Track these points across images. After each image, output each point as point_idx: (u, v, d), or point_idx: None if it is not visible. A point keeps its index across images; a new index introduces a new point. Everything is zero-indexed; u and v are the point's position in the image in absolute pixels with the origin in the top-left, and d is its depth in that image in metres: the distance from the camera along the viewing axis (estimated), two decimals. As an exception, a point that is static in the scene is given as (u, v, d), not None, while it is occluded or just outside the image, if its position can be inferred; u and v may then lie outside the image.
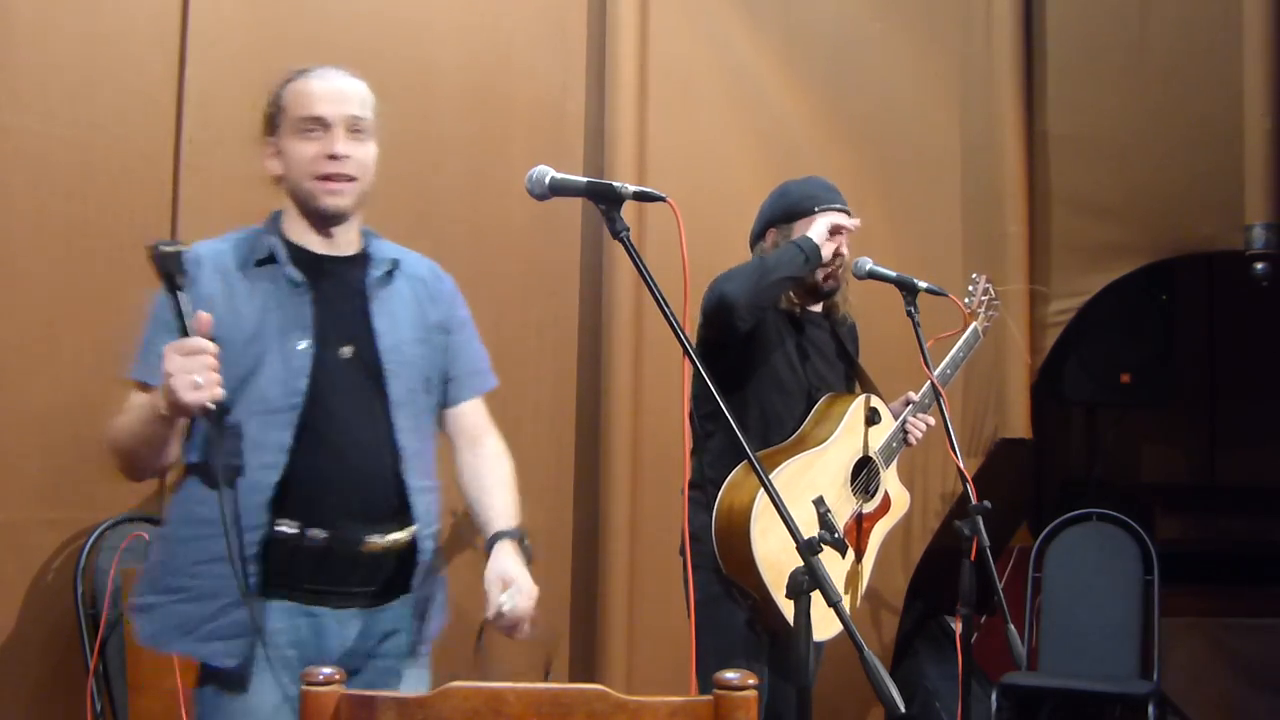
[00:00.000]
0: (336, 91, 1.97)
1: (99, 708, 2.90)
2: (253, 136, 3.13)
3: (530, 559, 2.02)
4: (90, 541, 2.99)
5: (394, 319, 2.03)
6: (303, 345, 1.91)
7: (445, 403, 2.13)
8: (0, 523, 2.92)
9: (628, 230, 1.82)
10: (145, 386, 1.88)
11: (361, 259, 2.06)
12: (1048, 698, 4.11)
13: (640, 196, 1.84)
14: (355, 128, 1.98)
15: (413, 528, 1.98)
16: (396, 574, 2.00)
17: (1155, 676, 3.87)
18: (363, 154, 1.99)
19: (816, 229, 2.77)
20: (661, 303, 1.78)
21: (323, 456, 1.90)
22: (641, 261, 1.81)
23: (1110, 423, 4.88)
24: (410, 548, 1.99)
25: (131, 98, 3.17)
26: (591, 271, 3.91)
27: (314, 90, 1.96)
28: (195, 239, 3.14)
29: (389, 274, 2.06)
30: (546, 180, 1.87)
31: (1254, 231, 3.60)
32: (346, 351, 1.96)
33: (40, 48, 3.03)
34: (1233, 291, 4.69)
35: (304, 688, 1.33)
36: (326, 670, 1.33)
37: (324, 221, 2.00)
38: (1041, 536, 4.21)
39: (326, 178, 1.95)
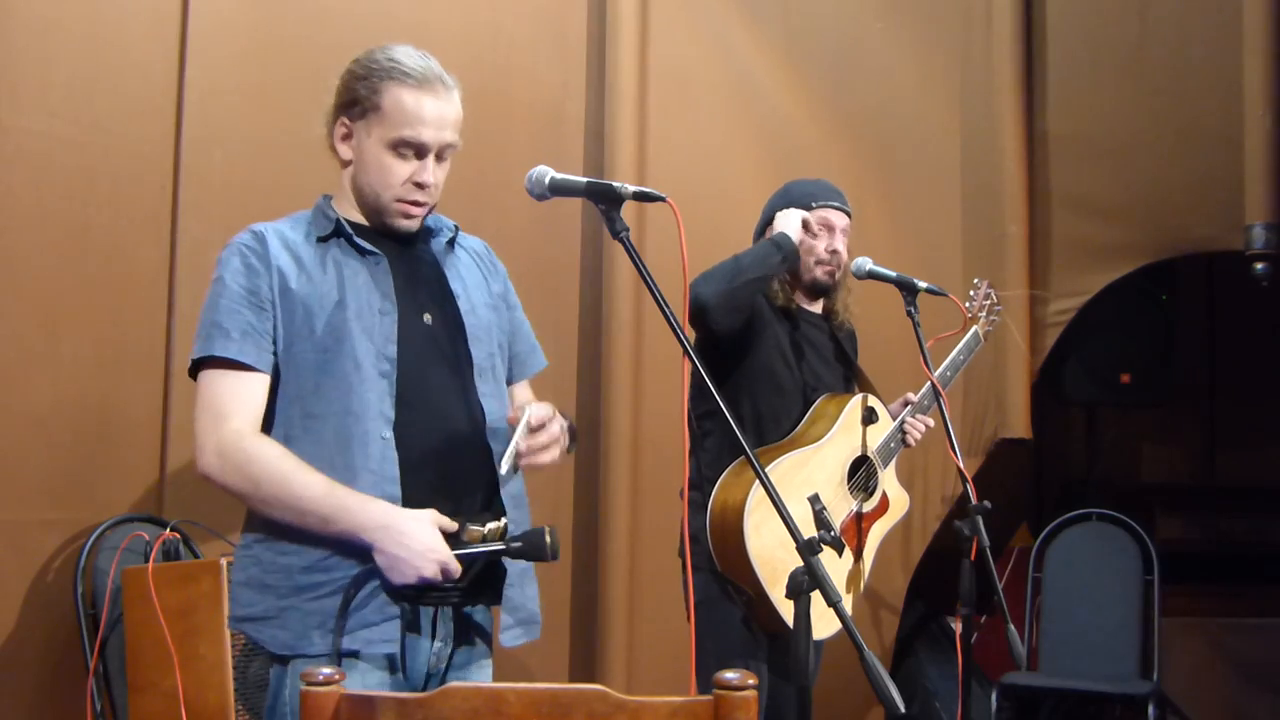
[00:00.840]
0: (441, 118, 1.90)
1: (99, 708, 2.90)
2: (253, 137, 3.12)
3: (573, 438, 1.99)
4: (90, 541, 2.99)
5: (466, 284, 2.01)
6: (388, 312, 1.87)
7: (507, 379, 2.09)
8: (0, 523, 2.93)
9: (627, 230, 1.83)
10: (241, 365, 1.80)
11: (420, 230, 2.01)
12: (1048, 698, 4.11)
13: (640, 196, 1.84)
14: (444, 154, 1.94)
15: (505, 517, 1.90)
16: (487, 571, 1.91)
17: (1155, 676, 3.87)
18: (442, 176, 1.95)
19: (789, 223, 2.77)
20: (661, 303, 1.78)
21: (418, 429, 1.85)
22: (641, 261, 1.81)
23: (1110, 423, 4.89)
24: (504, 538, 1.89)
25: (131, 98, 3.17)
26: (591, 271, 3.91)
27: (424, 113, 1.87)
28: (195, 239, 3.18)
29: (452, 241, 2.05)
30: (546, 180, 1.87)
31: (1254, 231, 3.60)
32: (428, 318, 1.92)
33: (40, 48, 3.03)
34: (1233, 291, 4.70)
35: (304, 688, 1.33)
36: (326, 670, 1.33)
37: (388, 233, 1.96)
38: (1041, 536, 4.21)
39: (409, 202, 1.92)
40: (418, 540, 1.74)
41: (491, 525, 1.87)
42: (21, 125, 2.99)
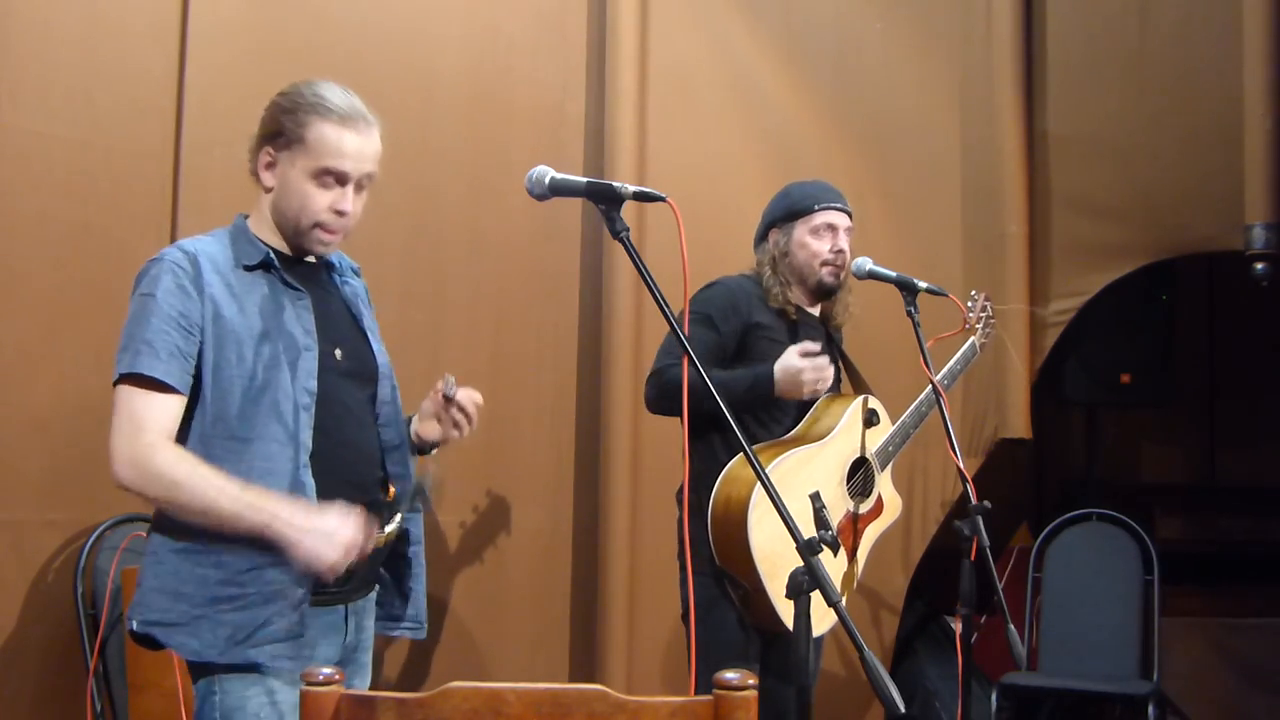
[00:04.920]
0: (361, 152, 1.99)
1: (99, 708, 2.91)
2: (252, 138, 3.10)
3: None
4: (90, 541, 3.00)
5: (367, 319, 2.14)
6: (310, 347, 1.97)
7: None
8: (0, 523, 2.93)
9: (627, 230, 1.83)
10: (163, 386, 1.86)
11: (323, 262, 2.12)
12: (1048, 698, 4.11)
13: (640, 196, 1.84)
14: (363, 184, 2.02)
15: (399, 518, 2.07)
16: (378, 564, 2.09)
17: (1155, 676, 3.86)
18: (359, 206, 2.03)
19: (788, 378, 2.69)
20: (661, 303, 1.79)
21: (331, 458, 1.97)
22: (641, 262, 1.81)
23: (1110, 423, 4.88)
24: (401, 538, 2.10)
25: (131, 98, 3.17)
26: (591, 272, 3.91)
27: (345, 147, 1.97)
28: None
29: (347, 275, 2.17)
30: (546, 180, 1.88)
31: (1254, 231, 3.60)
32: (338, 354, 2.02)
33: (40, 48, 3.03)
34: (1233, 291, 4.69)
35: (304, 688, 1.33)
36: (326, 670, 1.33)
37: (306, 264, 2.07)
38: (1041, 536, 4.21)
39: (326, 227, 2.00)
40: (322, 532, 1.84)
41: (390, 529, 2.04)
42: (21, 125, 2.99)
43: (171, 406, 1.88)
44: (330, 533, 1.83)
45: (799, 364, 2.68)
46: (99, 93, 3.11)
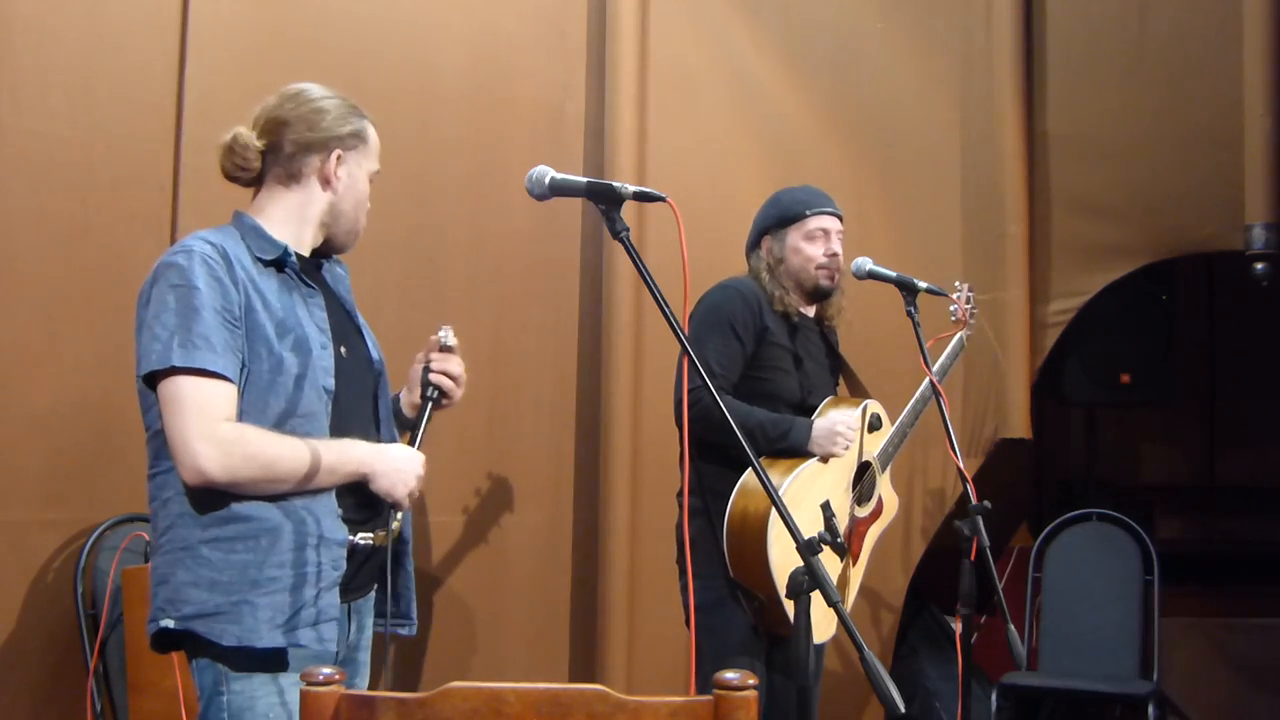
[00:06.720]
0: None
1: (99, 708, 2.91)
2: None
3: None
4: (90, 541, 2.99)
5: (359, 316, 2.16)
6: (325, 345, 1.99)
7: None
8: (0, 523, 2.93)
9: (628, 230, 1.83)
10: (223, 378, 1.85)
11: (314, 259, 2.13)
12: (1048, 698, 4.11)
13: (640, 196, 1.85)
14: None
15: (400, 515, 2.06)
16: (381, 562, 2.10)
17: (1155, 676, 3.87)
18: None
19: (822, 438, 2.73)
20: (661, 303, 1.79)
21: None
22: (641, 262, 1.82)
23: (1110, 423, 4.88)
24: (400, 536, 2.11)
25: (131, 98, 3.17)
26: (591, 271, 3.91)
27: (378, 147, 2.13)
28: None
29: (335, 267, 2.19)
30: (546, 180, 1.88)
31: (1254, 231, 3.60)
32: (343, 350, 2.03)
33: (40, 48, 3.03)
34: (1233, 291, 4.69)
35: (304, 688, 1.33)
36: (326, 670, 1.33)
37: (338, 249, 2.13)
38: (1041, 536, 4.21)
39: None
40: (402, 460, 1.98)
41: (394, 526, 2.05)
42: (21, 125, 2.99)
43: (233, 396, 1.87)
44: (404, 466, 1.96)
45: (844, 429, 2.72)
46: (99, 91, 3.11)
